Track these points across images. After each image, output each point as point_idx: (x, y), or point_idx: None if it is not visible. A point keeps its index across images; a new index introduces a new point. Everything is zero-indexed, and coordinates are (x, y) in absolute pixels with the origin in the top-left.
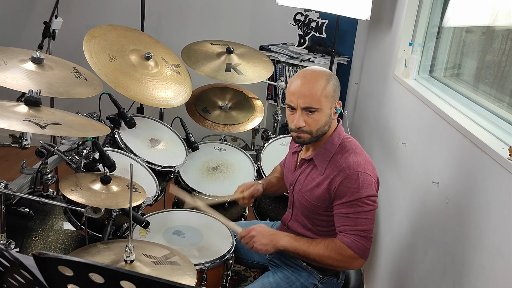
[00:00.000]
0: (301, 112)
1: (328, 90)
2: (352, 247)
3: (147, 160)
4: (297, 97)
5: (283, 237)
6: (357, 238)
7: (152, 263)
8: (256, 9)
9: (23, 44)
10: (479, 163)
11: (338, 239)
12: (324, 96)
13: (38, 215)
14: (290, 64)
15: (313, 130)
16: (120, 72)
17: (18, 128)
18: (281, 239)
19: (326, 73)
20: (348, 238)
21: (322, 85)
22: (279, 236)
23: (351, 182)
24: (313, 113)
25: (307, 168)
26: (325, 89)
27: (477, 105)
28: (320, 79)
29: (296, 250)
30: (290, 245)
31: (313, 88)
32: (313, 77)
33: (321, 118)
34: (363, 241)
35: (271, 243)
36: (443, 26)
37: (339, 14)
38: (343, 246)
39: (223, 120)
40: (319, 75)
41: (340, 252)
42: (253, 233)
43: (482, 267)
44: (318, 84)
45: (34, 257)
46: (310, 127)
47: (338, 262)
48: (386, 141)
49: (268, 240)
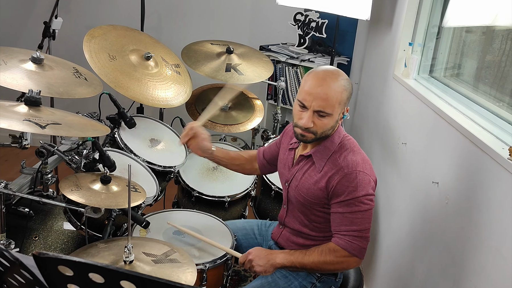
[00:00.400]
0: (312, 114)
1: (343, 97)
2: (347, 248)
3: (147, 160)
4: (313, 98)
5: (278, 255)
6: (351, 239)
7: (151, 262)
8: (256, 9)
9: (23, 44)
10: (479, 163)
11: (332, 242)
12: (339, 102)
13: (38, 215)
14: (290, 64)
15: (318, 131)
16: (120, 72)
17: (18, 128)
18: (276, 257)
19: (345, 78)
20: (342, 240)
21: (339, 91)
22: (275, 255)
23: (349, 181)
24: (324, 117)
25: (305, 165)
26: (341, 96)
27: (477, 105)
28: (340, 85)
29: (293, 264)
30: (286, 261)
31: (330, 93)
32: (333, 81)
33: (329, 122)
34: (358, 241)
35: (268, 263)
36: (443, 26)
37: (339, 14)
38: (338, 248)
39: (223, 120)
40: (339, 80)
41: (335, 254)
42: (250, 257)
43: (482, 266)
44: (337, 90)
45: (34, 257)
46: (317, 129)
47: (335, 264)
48: (386, 141)
49: (265, 261)
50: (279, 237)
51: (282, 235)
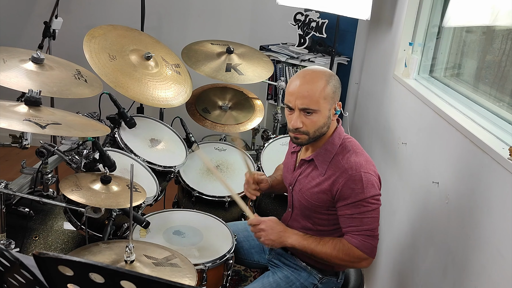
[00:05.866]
0: (299, 113)
1: (327, 91)
2: (360, 247)
3: (147, 160)
4: (295, 98)
5: (292, 235)
6: (364, 238)
7: (152, 264)
8: (256, 9)
9: (23, 44)
10: (479, 163)
11: (345, 240)
12: (323, 97)
13: (38, 215)
14: (290, 64)
15: (310, 131)
16: (120, 72)
17: (18, 128)
18: (289, 237)
19: (326, 73)
20: (355, 238)
21: (321, 86)
22: (288, 234)
23: (355, 183)
24: (311, 114)
25: (307, 169)
26: (324, 90)
27: (477, 105)
28: (320, 79)
29: (304, 248)
30: (298, 244)
31: (312, 89)
32: (312, 78)
33: (319, 119)
34: (370, 240)
35: (279, 239)
36: (443, 26)
37: (339, 14)
38: (351, 247)
39: (223, 120)
40: (319, 76)
41: (348, 253)
42: (263, 227)
43: (483, 266)
44: (317, 85)
45: (34, 257)
46: (308, 128)
47: (346, 262)
48: (386, 141)
49: (276, 236)
50: None
51: None
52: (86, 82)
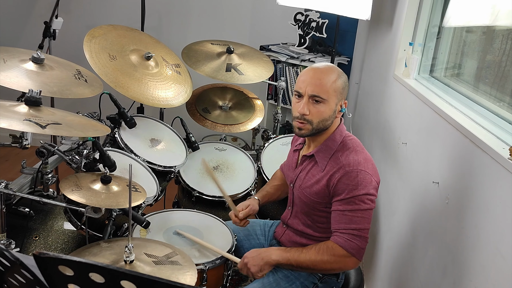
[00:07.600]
0: (307, 100)
1: (338, 84)
2: (344, 246)
3: (147, 160)
4: (307, 84)
5: (273, 251)
6: (350, 237)
7: (152, 263)
8: (256, 9)
9: (24, 44)
10: (479, 163)
11: (330, 240)
12: (333, 89)
13: (38, 215)
14: (291, 64)
15: (314, 121)
16: (120, 72)
17: (18, 128)
18: (272, 254)
19: (338, 70)
20: (341, 238)
21: (333, 78)
22: (269, 252)
23: (350, 179)
24: (319, 103)
25: (308, 165)
26: (335, 83)
27: (478, 105)
28: (332, 73)
29: (289, 261)
30: (281, 258)
31: (324, 78)
32: (326, 70)
33: (325, 110)
34: (356, 241)
35: (262, 261)
36: (443, 26)
37: (339, 14)
38: (335, 246)
39: (223, 120)
40: (332, 69)
41: (333, 252)
42: (246, 261)
43: (482, 266)
44: (330, 76)
45: (35, 257)
46: (313, 118)
47: (332, 264)
48: (386, 141)
49: (259, 259)
50: (282, 236)
51: (285, 234)
52: (86, 82)
